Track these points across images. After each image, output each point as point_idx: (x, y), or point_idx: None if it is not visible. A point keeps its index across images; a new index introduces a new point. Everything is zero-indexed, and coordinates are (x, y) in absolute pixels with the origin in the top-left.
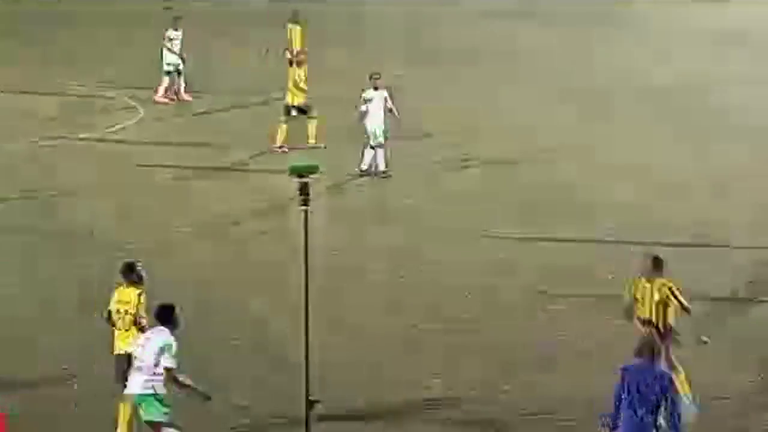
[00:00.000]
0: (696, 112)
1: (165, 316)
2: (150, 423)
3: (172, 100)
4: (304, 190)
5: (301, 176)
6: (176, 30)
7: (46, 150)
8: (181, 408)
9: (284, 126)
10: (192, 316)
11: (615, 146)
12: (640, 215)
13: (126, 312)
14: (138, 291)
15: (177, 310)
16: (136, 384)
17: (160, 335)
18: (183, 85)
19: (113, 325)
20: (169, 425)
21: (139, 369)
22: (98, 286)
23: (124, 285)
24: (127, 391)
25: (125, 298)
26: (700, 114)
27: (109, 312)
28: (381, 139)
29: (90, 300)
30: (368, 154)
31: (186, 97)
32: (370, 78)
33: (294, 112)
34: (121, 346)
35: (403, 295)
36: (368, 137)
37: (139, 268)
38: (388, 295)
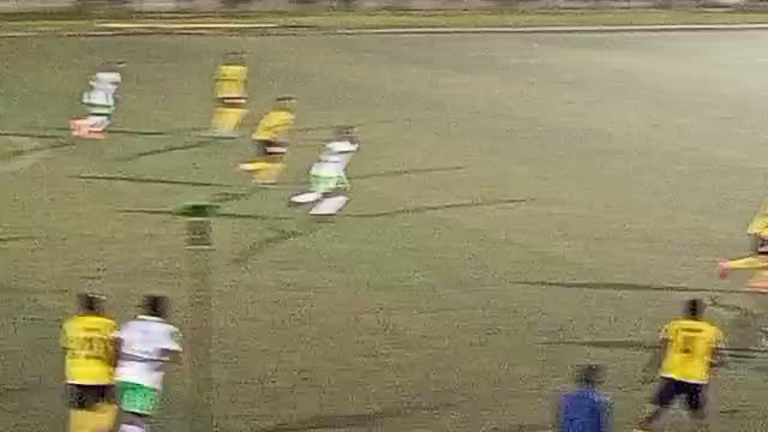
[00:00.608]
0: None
1: (160, 306)
2: (134, 413)
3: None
4: (196, 229)
5: (195, 215)
6: (109, 72)
7: None
8: None
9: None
10: None
11: None
12: None
13: (98, 338)
14: (107, 318)
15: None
16: (134, 373)
17: (161, 325)
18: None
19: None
20: (149, 420)
21: (138, 359)
22: None
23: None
24: (124, 379)
25: (93, 326)
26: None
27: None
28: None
29: None
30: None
31: (83, 132)
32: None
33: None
34: (80, 373)
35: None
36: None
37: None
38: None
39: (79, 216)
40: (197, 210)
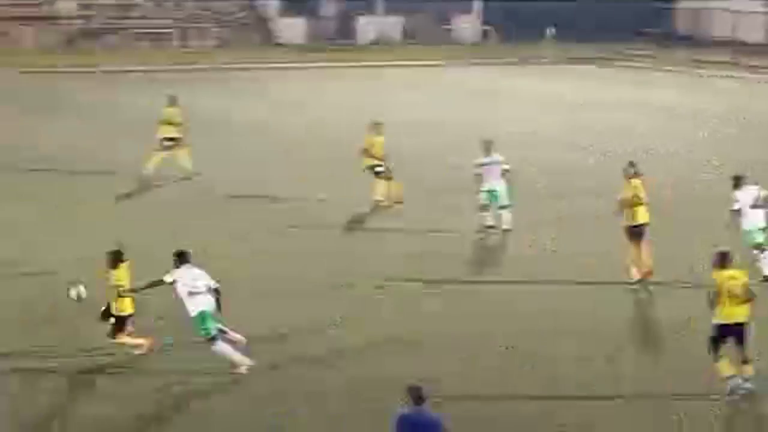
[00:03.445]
0: None
1: (188, 256)
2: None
3: None
4: None
5: None
6: None
7: None
8: None
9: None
10: None
11: None
12: None
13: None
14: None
15: None
16: (210, 303)
17: (199, 267)
18: None
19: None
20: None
21: (203, 293)
22: None
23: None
24: (204, 308)
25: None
26: None
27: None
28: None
29: None
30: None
31: None
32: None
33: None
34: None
35: None
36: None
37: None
38: None
39: None
40: None
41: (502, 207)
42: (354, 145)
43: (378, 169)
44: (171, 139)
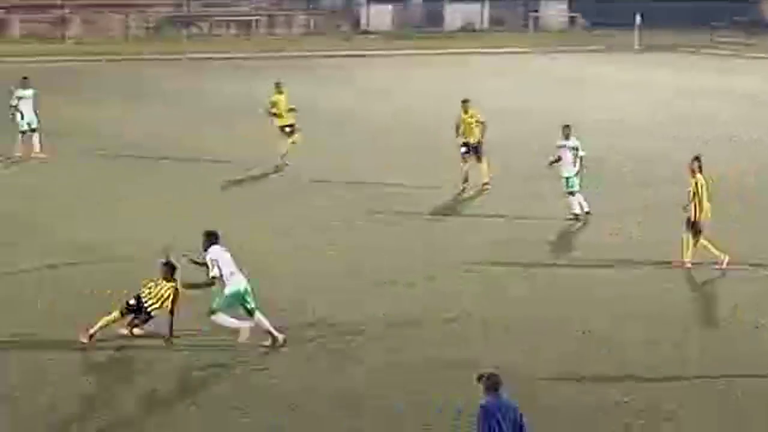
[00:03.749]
0: None
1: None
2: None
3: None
4: None
5: None
6: (25, 89)
7: None
8: None
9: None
10: None
11: None
12: None
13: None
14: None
15: None
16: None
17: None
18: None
19: None
20: None
21: (237, 272)
22: None
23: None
24: (246, 286)
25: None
26: None
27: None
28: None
29: None
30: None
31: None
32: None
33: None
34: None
35: None
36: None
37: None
38: None
39: None
40: None
41: (572, 192)
42: (440, 133)
43: (463, 149)
44: (289, 125)
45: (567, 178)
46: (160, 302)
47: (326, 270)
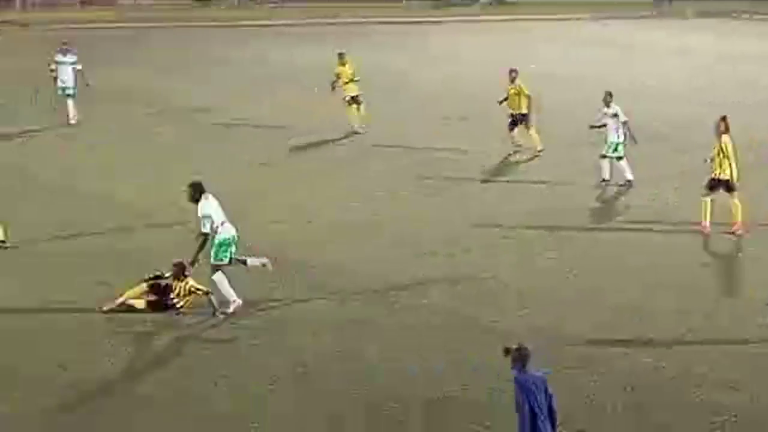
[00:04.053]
0: None
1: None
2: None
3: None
4: None
5: None
6: (64, 55)
7: None
8: None
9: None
10: None
11: None
12: None
13: None
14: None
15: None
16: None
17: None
18: (72, 108)
19: None
20: None
21: (226, 221)
22: None
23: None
24: (234, 234)
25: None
26: None
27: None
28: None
29: None
30: (605, 164)
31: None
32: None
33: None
34: None
35: None
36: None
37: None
38: None
39: None
40: None
41: (619, 158)
42: (489, 100)
43: (509, 120)
44: (353, 96)
45: (611, 144)
46: (182, 299)
47: (370, 239)
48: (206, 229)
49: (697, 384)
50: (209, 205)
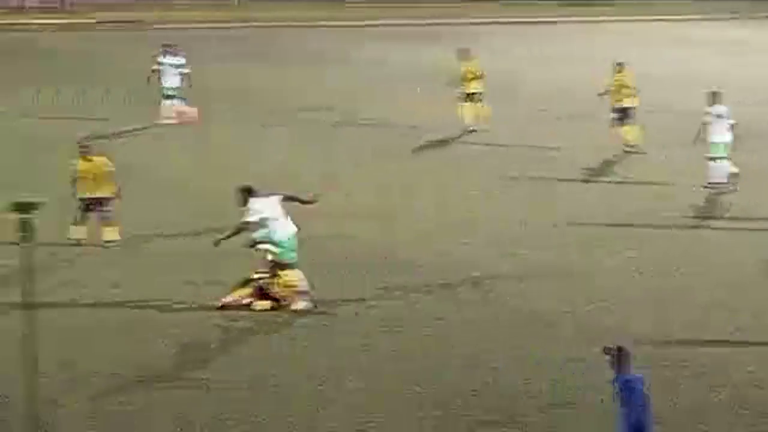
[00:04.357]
0: None
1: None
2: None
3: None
4: (24, 227)
5: (23, 212)
6: (164, 56)
7: None
8: None
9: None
10: None
11: None
12: None
13: None
14: None
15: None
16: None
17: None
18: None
19: None
20: None
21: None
22: None
23: None
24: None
25: None
26: None
27: None
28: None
29: None
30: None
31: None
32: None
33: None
34: None
35: None
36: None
37: None
38: None
39: None
40: (23, 207)
41: (722, 158)
42: (589, 101)
43: (613, 115)
44: (472, 94)
45: (716, 144)
46: (287, 289)
47: (463, 238)
48: (248, 218)
49: None
50: (256, 202)
